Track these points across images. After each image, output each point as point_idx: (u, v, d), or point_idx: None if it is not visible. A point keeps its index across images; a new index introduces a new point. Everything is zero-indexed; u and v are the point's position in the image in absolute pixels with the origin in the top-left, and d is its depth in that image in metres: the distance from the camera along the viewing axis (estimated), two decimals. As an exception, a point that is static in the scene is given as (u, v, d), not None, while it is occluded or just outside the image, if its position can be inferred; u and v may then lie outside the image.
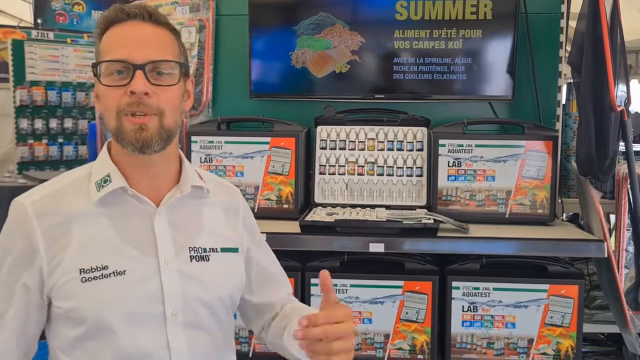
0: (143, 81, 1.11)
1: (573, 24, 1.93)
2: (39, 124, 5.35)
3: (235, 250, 1.31)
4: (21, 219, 1.13)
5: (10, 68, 5.32)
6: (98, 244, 1.14)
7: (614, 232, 1.94)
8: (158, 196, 1.22)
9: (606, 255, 1.70)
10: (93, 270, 1.11)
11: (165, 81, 1.15)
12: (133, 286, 1.14)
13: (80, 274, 1.11)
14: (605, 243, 1.69)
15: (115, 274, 1.13)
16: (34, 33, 5.60)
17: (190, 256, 1.21)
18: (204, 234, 1.25)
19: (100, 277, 1.12)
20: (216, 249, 1.25)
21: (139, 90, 1.11)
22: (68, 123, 5.48)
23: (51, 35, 5.57)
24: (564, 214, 2.21)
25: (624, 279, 1.87)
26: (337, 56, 2.09)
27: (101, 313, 1.11)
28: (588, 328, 1.99)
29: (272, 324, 1.37)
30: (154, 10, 1.17)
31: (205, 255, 1.23)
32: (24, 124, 5.30)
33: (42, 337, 1.20)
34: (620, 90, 1.83)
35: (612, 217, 2.06)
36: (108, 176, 1.18)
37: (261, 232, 1.49)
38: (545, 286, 1.78)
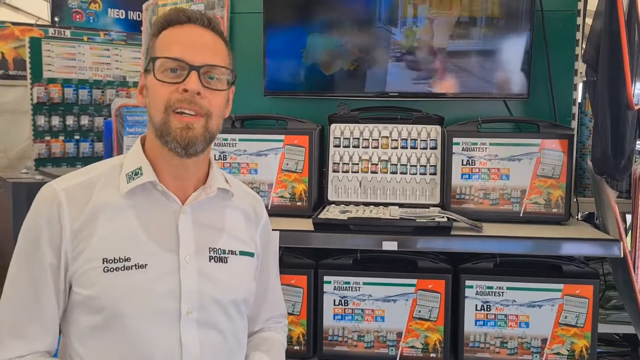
0: (197, 81, 1.15)
1: (589, 21, 1.91)
2: (55, 121, 5.41)
3: (252, 255, 1.33)
4: (51, 203, 1.16)
5: (28, 66, 5.39)
6: (123, 236, 1.17)
7: (630, 231, 1.93)
8: (184, 194, 1.24)
9: (622, 256, 1.68)
10: (116, 261, 1.14)
11: (216, 85, 1.19)
12: (153, 281, 1.16)
13: (103, 263, 1.14)
14: (621, 243, 1.68)
15: (137, 267, 1.15)
16: (51, 31, 5.66)
17: (210, 256, 1.23)
18: (225, 236, 1.27)
19: (123, 268, 1.14)
20: (235, 251, 1.28)
21: (193, 89, 1.14)
22: (84, 120, 5.53)
23: (68, 33, 5.62)
24: (579, 213, 2.19)
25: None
26: (347, 54, 2.09)
27: (119, 304, 1.13)
28: (603, 328, 1.98)
29: None
30: (212, 18, 1.22)
31: (224, 257, 1.25)
32: (41, 121, 5.36)
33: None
34: (638, 89, 1.81)
35: (628, 217, 2.04)
36: (139, 169, 1.21)
37: (274, 229, 1.50)
38: (560, 286, 1.77)
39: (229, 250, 1.26)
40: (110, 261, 1.14)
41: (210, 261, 1.23)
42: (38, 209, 1.17)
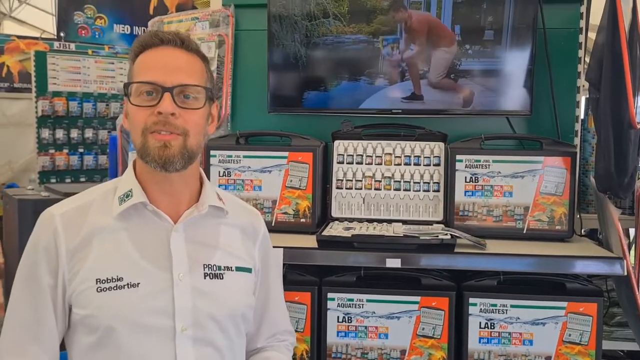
0: (170, 103, 1.17)
1: (593, 35, 1.92)
2: (60, 134, 5.45)
3: (249, 270, 1.34)
4: (49, 228, 1.20)
5: (33, 79, 5.43)
6: (115, 256, 1.19)
7: (633, 245, 1.93)
8: (177, 213, 1.26)
9: (625, 273, 1.68)
10: (108, 280, 1.17)
11: (191, 104, 1.21)
12: (145, 299, 1.18)
13: (97, 283, 1.17)
14: (625, 261, 1.68)
15: (129, 285, 1.17)
16: (56, 44, 5.72)
17: (205, 273, 1.25)
18: (220, 252, 1.29)
19: (115, 287, 1.17)
20: (231, 267, 1.29)
21: (166, 111, 1.16)
22: (89, 133, 5.57)
23: (73, 46, 5.68)
24: (583, 230, 2.19)
25: (644, 297, 1.84)
26: (350, 71, 2.10)
27: (112, 322, 1.15)
28: (607, 345, 1.97)
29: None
30: (186, 37, 1.24)
31: (220, 273, 1.26)
32: (46, 133, 5.40)
33: (62, 347, 1.25)
34: (637, 108, 1.82)
35: (632, 230, 2.04)
36: (130, 191, 1.23)
37: (279, 246, 1.51)
38: (564, 303, 1.77)
39: (224, 267, 1.27)
40: (103, 281, 1.17)
41: (205, 278, 1.24)
42: (37, 233, 1.22)
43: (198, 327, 1.21)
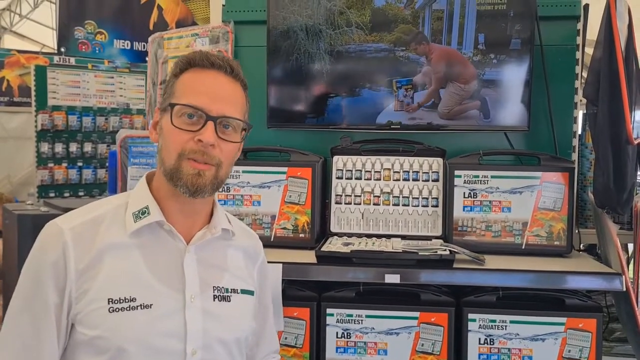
0: (213, 133, 1.16)
1: (590, 50, 1.93)
2: (59, 147, 5.45)
3: (252, 293, 1.34)
4: (57, 242, 1.14)
5: (33, 93, 5.45)
6: (128, 276, 1.16)
7: (632, 261, 1.93)
8: (189, 233, 1.25)
9: (624, 289, 1.69)
10: (121, 301, 1.14)
11: (230, 137, 1.20)
12: (158, 320, 1.16)
13: (109, 303, 1.13)
14: (624, 277, 1.68)
15: (143, 307, 1.15)
16: (56, 59, 5.75)
17: (214, 295, 1.24)
18: (227, 275, 1.29)
19: (128, 308, 1.14)
20: (237, 290, 1.29)
21: (208, 141, 1.16)
22: (87, 147, 5.58)
23: (73, 60, 5.70)
24: (581, 245, 2.19)
25: (643, 313, 1.84)
26: (350, 86, 2.11)
27: (124, 344, 1.13)
28: (607, 361, 1.97)
29: None
30: (235, 65, 1.23)
31: (227, 296, 1.26)
32: (45, 147, 5.41)
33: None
34: (636, 122, 1.83)
35: (630, 246, 2.05)
36: (146, 208, 1.21)
37: (277, 262, 1.51)
38: (563, 319, 1.77)
39: (231, 289, 1.27)
40: (116, 301, 1.13)
41: (214, 300, 1.24)
42: (43, 248, 1.16)
43: (207, 350, 1.20)
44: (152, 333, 1.15)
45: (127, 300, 1.14)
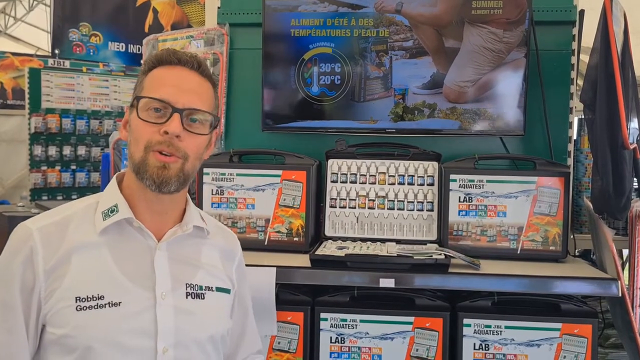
0: (178, 124, 1.16)
1: (585, 58, 1.93)
2: (52, 150, 5.43)
3: (228, 291, 1.34)
4: (25, 243, 1.15)
5: (27, 96, 5.43)
6: (96, 274, 1.16)
7: (626, 265, 1.92)
8: (160, 231, 1.25)
9: (620, 295, 1.68)
10: (89, 299, 1.13)
11: (196, 129, 1.20)
12: (127, 318, 1.15)
13: (76, 302, 1.13)
14: (619, 282, 1.67)
15: (111, 304, 1.14)
16: (50, 61, 5.72)
17: (187, 293, 1.23)
18: (201, 272, 1.28)
19: (96, 306, 1.13)
20: (212, 287, 1.28)
21: (174, 131, 1.16)
22: (81, 150, 5.55)
23: (67, 63, 5.69)
24: (576, 250, 2.19)
25: (638, 318, 1.83)
26: (345, 90, 2.11)
27: (92, 342, 1.12)
28: (602, 367, 1.96)
29: None
30: (202, 62, 1.24)
31: (201, 293, 1.25)
32: (38, 150, 5.38)
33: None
34: (632, 128, 1.83)
35: (625, 251, 2.04)
36: (115, 206, 1.21)
37: (272, 265, 1.51)
38: (558, 325, 1.76)
39: (205, 287, 1.26)
40: (84, 299, 1.13)
41: (187, 297, 1.23)
42: (12, 249, 1.17)
43: (179, 348, 1.19)
44: (121, 331, 1.14)
45: (95, 299, 1.14)
